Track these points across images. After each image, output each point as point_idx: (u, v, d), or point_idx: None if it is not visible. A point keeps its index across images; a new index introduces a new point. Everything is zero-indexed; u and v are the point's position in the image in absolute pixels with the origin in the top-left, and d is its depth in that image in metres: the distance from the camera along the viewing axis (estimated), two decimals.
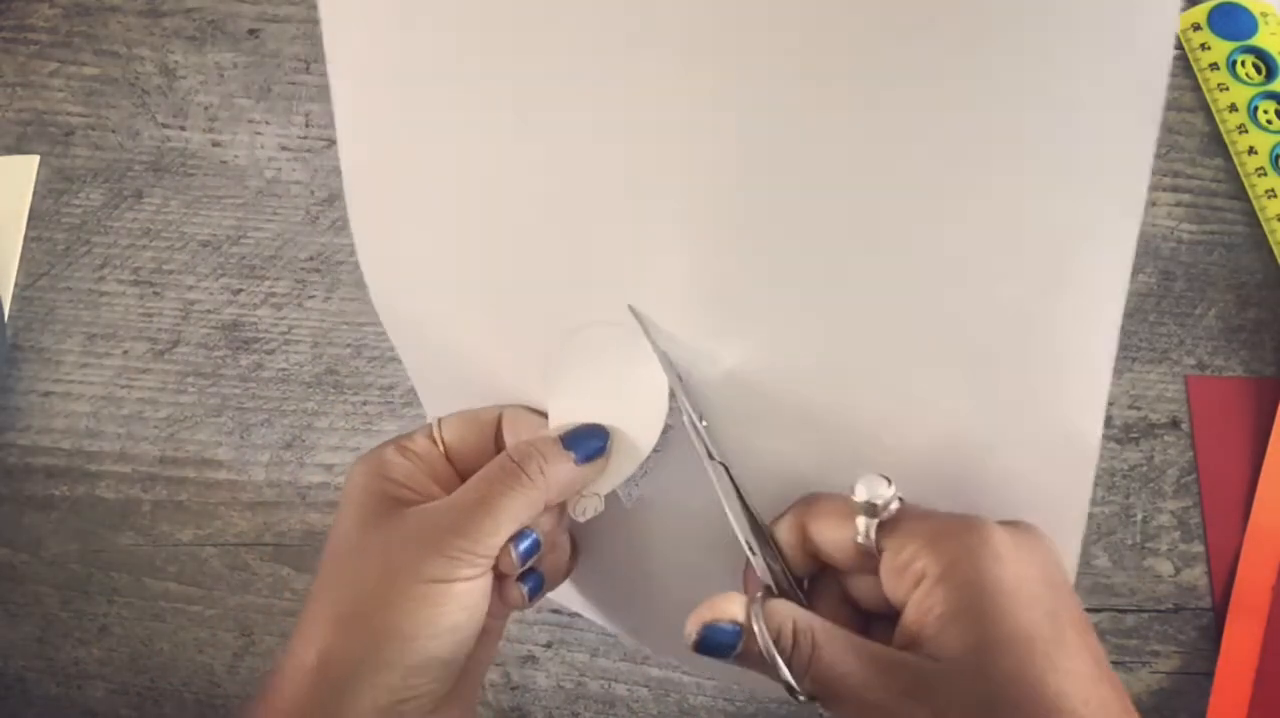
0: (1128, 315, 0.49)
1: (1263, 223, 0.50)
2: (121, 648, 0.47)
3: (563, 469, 0.33)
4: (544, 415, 0.36)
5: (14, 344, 0.51)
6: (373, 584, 0.31)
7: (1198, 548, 0.45)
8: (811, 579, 0.34)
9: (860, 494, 0.30)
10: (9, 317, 0.51)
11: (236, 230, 0.53)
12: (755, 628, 0.29)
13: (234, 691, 0.45)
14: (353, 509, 0.34)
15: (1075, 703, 0.27)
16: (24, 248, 0.52)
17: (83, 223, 0.53)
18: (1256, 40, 0.53)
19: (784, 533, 0.33)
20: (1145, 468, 0.46)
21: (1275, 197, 0.50)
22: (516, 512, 0.32)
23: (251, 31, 0.57)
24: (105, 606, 0.47)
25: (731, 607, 0.30)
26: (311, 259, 0.52)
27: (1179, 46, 0.54)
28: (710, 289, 0.33)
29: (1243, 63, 0.53)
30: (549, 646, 0.45)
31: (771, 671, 0.29)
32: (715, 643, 0.30)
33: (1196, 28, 0.54)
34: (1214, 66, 0.53)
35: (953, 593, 0.28)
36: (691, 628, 0.30)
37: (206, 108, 0.55)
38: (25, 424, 0.50)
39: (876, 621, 0.32)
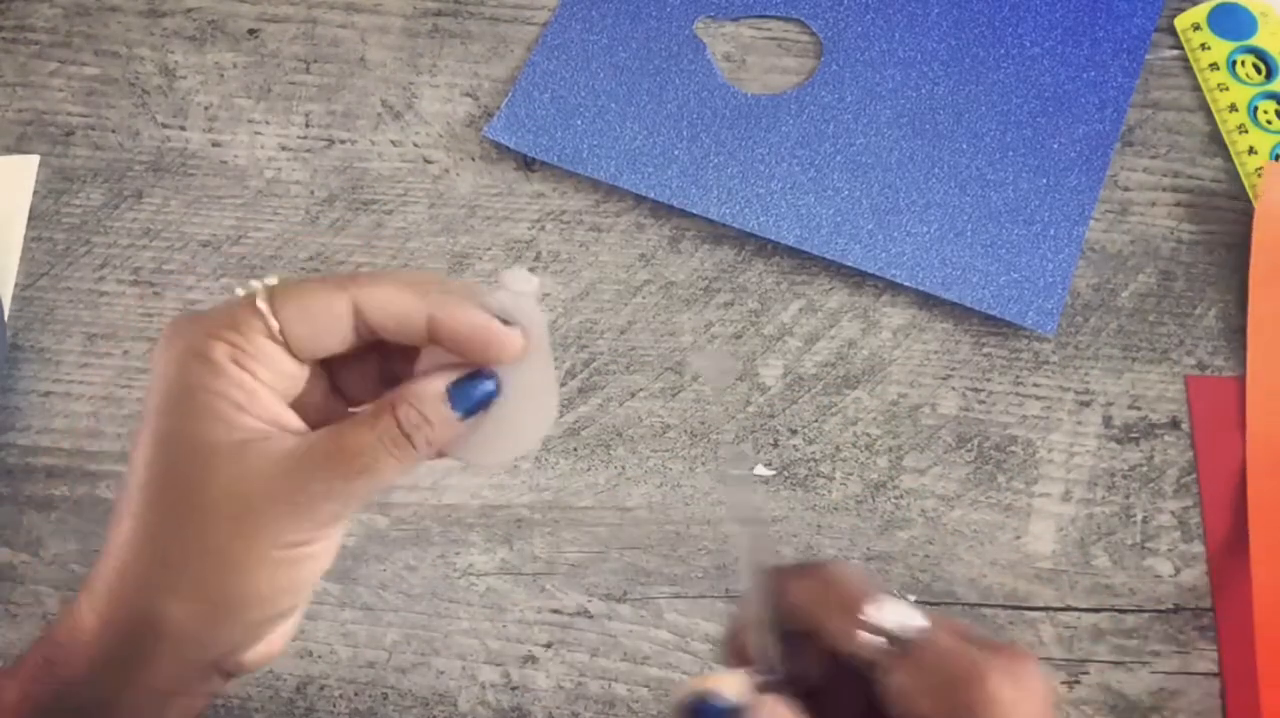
0: (1128, 315, 0.49)
1: None
2: None
3: (447, 431, 0.29)
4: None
5: (14, 344, 0.51)
6: (222, 544, 0.28)
7: (1198, 548, 0.45)
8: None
9: (884, 619, 0.29)
10: (9, 317, 0.51)
11: (236, 230, 0.53)
12: None
13: (233, 690, 0.45)
14: (181, 434, 0.28)
15: None
16: (24, 248, 0.52)
17: (83, 223, 0.53)
18: (1256, 40, 0.53)
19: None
20: (1145, 468, 0.46)
21: None
22: (395, 479, 0.29)
23: (251, 31, 0.57)
24: None
25: (731, 686, 0.28)
26: (311, 259, 0.52)
27: (1179, 46, 0.54)
28: None
29: (1243, 63, 0.53)
30: (549, 646, 0.45)
31: None
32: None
33: (1196, 28, 0.54)
34: (1214, 66, 0.53)
35: None
36: (684, 692, 0.28)
37: (206, 108, 0.55)
38: (25, 424, 0.49)
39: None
